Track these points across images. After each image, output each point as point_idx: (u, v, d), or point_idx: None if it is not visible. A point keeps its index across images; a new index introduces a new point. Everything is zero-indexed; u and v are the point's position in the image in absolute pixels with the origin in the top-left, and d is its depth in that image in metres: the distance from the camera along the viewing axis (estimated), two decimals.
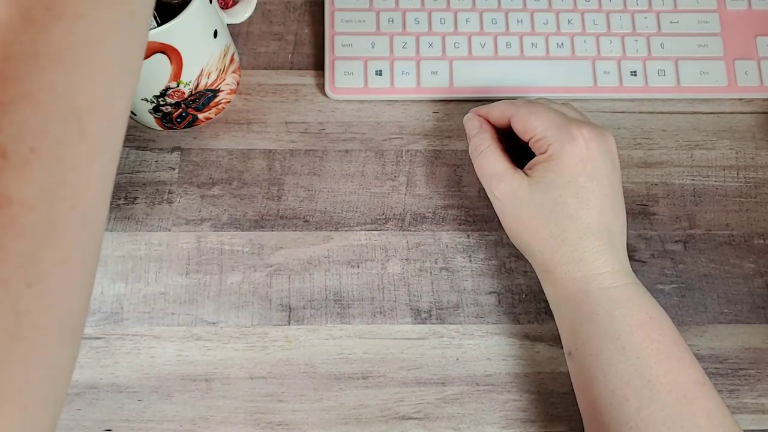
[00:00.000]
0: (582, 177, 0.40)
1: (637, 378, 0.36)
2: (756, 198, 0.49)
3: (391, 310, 0.46)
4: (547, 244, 0.40)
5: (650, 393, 0.36)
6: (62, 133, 0.23)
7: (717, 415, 0.36)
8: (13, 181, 0.22)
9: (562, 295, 0.40)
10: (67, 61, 0.22)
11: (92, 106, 0.24)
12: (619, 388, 0.37)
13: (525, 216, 0.41)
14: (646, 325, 0.38)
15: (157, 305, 0.46)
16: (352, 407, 0.43)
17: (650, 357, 0.37)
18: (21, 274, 0.22)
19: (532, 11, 0.53)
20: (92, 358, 0.44)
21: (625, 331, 0.38)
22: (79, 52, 0.23)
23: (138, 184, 0.49)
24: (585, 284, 0.39)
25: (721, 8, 0.53)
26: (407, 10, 0.52)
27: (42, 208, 0.22)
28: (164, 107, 0.48)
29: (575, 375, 0.40)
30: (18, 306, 0.22)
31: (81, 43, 0.23)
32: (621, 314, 0.38)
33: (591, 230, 0.40)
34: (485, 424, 0.43)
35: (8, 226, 0.22)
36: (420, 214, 0.48)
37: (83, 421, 0.43)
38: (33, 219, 0.22)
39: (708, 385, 0.37)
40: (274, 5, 0.55)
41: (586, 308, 0.39)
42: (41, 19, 0.22)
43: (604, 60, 0.52)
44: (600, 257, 0.39)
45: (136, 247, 0.47)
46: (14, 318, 0.22)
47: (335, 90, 0.51)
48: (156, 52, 0.43)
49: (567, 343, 0.41)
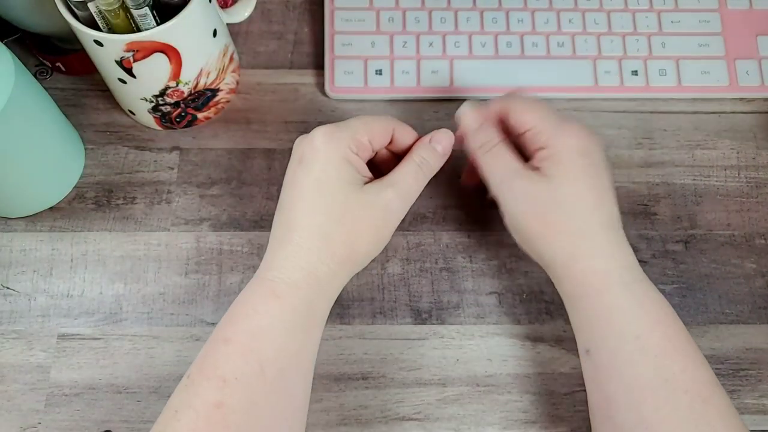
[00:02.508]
0: (589, 168, 0.39)
1: (655, 378, 0.36)
2: (757, 198, 0.49)
3: (391, 311, 0.46)
4: (568, 239, 0.39)
5: (666, 393, 0.35)
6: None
7: (729, 416, 0.35)
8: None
9: (581, 292, 0.39)
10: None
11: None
12: (637, 388, 0.36)
13: (543, 213, 0.39)
14: (663, 323, 0.37)
15: (156, 305, 0.45)
16: (352, 408, 0.43)
17: (668, 356, 0.36)
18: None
19: (532, 10, 0.52)
20: (91, 358, 0.44)
21: (645, 330, 0.37)
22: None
23: (137, 183, 0.49)
24: (606, 278, 0.38)
25: (722, 8, 0.53)
26: (407, 9, 0.52)
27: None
28: (163, 107, 0.47)
29: (591, 373, 0.39)
30: None
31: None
32: (642, 312, 0.37)
33: (611, 222, 0.39)
34: (486, 425, 0.43)
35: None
36: (420, 214, 0.48)
37: (82, 421, 0.42)
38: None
39: (719, 385, 0.36)
40: (273, 4, 0.55)
41: (606, 304, 0.38)
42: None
43: (605, 59, 0.51)
44: (620, 250, 0.39)
45: (135, 247, 0.47)
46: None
47: (335, 89, 0.51)
48: (155, 51, 0.42)
49: (584, 341, 0.39)
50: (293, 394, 0.37)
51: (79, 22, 0.41)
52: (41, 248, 0.47)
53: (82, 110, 0.51)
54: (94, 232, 0.47)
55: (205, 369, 0.35)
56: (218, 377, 0.35)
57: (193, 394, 0.35)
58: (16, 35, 0.52)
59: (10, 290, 0.46)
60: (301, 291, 0.37)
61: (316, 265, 0.37)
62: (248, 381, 0.35)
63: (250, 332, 0.36)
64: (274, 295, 0.37)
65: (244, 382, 0.35)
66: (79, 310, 0.45)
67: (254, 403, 0.35)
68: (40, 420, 0.42)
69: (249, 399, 0.35)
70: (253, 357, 0.35)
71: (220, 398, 0.34)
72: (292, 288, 0.37)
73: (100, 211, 0.48)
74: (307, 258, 0.37)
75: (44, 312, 0.45)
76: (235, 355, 0.35)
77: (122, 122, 0.51)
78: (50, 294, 0.46)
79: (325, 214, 0.38)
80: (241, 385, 0.34)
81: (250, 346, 0.35)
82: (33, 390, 0.43)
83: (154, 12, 0.41)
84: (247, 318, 0.36)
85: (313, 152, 0.39)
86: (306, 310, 0.37)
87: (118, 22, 0.41)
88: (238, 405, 0.34)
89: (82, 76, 0.52)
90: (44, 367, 0.44)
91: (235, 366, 0.35)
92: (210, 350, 0.36)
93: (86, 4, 0.41)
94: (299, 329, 0.37)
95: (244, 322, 0.36)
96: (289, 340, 0.36)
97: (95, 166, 0.49)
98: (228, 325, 0.37)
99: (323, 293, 0.38)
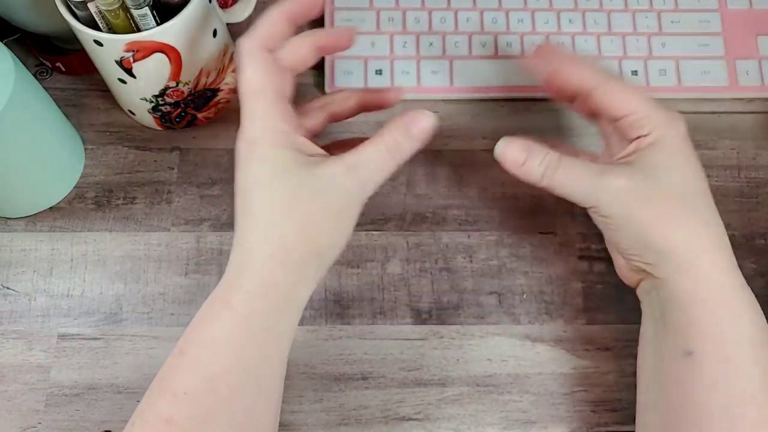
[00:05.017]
0: (692, 157, 0.37)
1: (762, 393, 0.34)
2: (757, 198, 0.49)
3: (391, 311, 0.46)
4: (689, 229, 0.36)
5: (764, 413, 0.33)
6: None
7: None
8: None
9: (701, 290, 0.35)
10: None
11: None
12: (741, 400, 0.34)
13: (659, 205, 0.36)
14: (765, 334, 0.35)
15: (156, 305, 0.45)
16: (351, 408, 0.43)
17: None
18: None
19: (532, 10, 0.52)
20: (91, 358, 0.44)
21: (760, 340, 0.34)
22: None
23: (137, 183, 0.49)
24: (731, 278, 0.35)
25: (723, 8, 0.53)
26: (407, 9, 0.52)
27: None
28: (163, 107, 0.47)
29: (686, 377, 0.35)
30: None
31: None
32: (757, 317, 0.35)
33: (717, 212, 0.37)
34: (485, 425, 0.43)
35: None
36: (420, 214, 0.48)
37: (82, 422, 0.42)
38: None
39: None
40: (273, 4, 0.55)
41: (727, 308, 0.35)
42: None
43: (605, 59, 0.51)
44: (730, 244, 0.36)
45: (134, 247, 0.47)
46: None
47: (335, 89, 0.51)
48: (155, 51, 0.42)
49: (686, 342, 0.35)
50: (250, 412, 0.34)
51: (79, 22, 0.41)
52: (41, 248, 0.47)
53: (82, 110, 0.51)
54: (94, 232, 0.47)
55: (162, 381, 0.34)
56: (170, 391, 0.33)
57: (148, 407, 0.34)
58: (16, 35, 0.52)
59: (10, 290, 0.46)
60: (256, 300, 0.34)
61: (271, 270, 0.34)
62: (197, 396, 0.33)
63: (202, 343, 0.34)
64: (227, 305, 0.34)
65: (192, 397, 0.33)
66: (79, 310, 0.45)
67: (203, 421, 0.33)
68: (40, 420, 0.42)
69: (197, 415, 0.33)
70: (203, 371, 0.33)
71: (170, 413, 0.33)
72: (245, 297, 0.34)
73: (100, 211, 0.48)
74: (260, 263, 0.34)
75: (44, 312, 0.45)
76: (186, 368, 0.33)
77: (122, 122, 0.51)
78: (50, 294, 0.46)
79: (269, 211, 0.34)
80: (189, 400, 0.33)
81: (201, 359, 0.33)
82: (33, 390, 0.43)
83: (154, 12, 0.41)
84: (200, 328, 0.34)
85: (247, 149, 0.35)
86: (261, 321, 0.34)
87: (118, 22, 0.41)
88: (187, 422, 0.32)
89: (82, 76, 0.52)
90: (44, 367, 0.44)
91: (185, 380, 0.33)
92: (169, 361, 0.34)
93: (86, 4, 0.41)
94: (253, 342, 0.34)
95: (197, 332, 0.34)
96: (242, 353, 0.34)
97: (95, 166, 0.49)
98: (186, 334, 0.35)
99: (286, 300, 0.35)
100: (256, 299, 0.34)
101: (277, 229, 0.34)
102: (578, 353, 0.44)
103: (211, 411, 0.33)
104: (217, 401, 0.33)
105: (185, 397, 0.33)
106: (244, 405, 0.34)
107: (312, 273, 0.35)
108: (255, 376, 0.34)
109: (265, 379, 0.35)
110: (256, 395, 0.34)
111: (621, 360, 0.44)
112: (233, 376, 0.33)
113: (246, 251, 0.34)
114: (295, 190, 0.34)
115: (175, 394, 0.33)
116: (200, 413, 0.33)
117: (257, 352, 0.34)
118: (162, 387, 0.34)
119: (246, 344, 0.34)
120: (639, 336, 0.40)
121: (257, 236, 0.34)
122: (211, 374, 0.33)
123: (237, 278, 0.34)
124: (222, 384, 0.33)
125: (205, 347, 0.34)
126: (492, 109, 0.51)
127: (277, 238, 0.34)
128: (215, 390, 0.33)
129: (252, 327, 0.34)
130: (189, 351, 0.34)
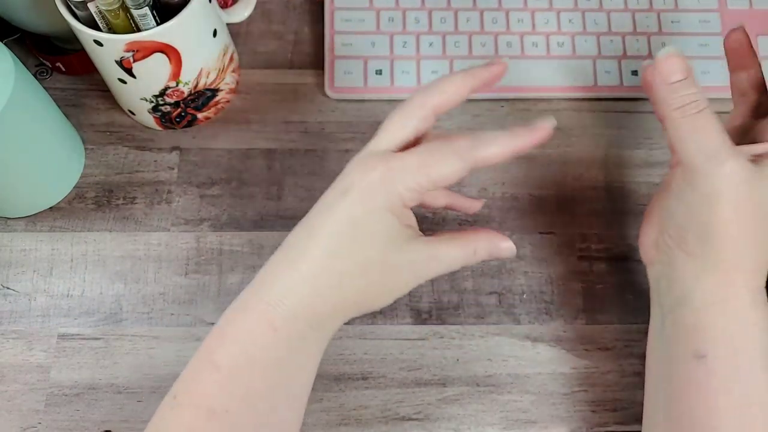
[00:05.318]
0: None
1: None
2: None
3: (391, 311, 0.46)
4: (753, 250, 0.35)
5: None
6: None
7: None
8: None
9: (720, 292, 0.35)
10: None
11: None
12: (754, 405, 0.34)
13: (745, 211, 0.34)
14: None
15: (156, 305, 0.45)
16: (352, 408, 0.43)
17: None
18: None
19: (533, 10, 0.52)
20: (91, 358, 0.44)
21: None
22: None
23: (137, 184, 0.49)
24: (754, 280, 0.35)
25: (722, 8, 0.53)
26: (407, 9, 0.52)
27: None
28: (163, 107, 0.47)
29: (699, 380, 0.35)
30: None
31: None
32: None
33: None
34: (486, 425, 0.43)
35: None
36: (420, 214, 0.48)
37: (82, 422, 0.42)
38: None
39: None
40: (273, 4, 0.55)
41: (748, 311, 0.35)
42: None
43: (605, 59, 0.51)
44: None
45: (134, 247, 0.47)
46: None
47: (335, 89, 0.51)
48: (155, 51, 0.42)
49: (698, 345, 0.35)
50: (283, 428, 0.35)
51: (79, 22, 0.41)
52: (41, 248, 0.47)
53: (82, 110, 0.51)
54: (94, 232, 0.47)
55: (193, 394, 0.33)
56: (207, 407, 0.32)
57: (178, 419, 0.33)
58: (16, 35, 0.52)
59: (10, 290, 0.46)
60: (299, 324, 0.34)
61: (320, 306, 0.34)
62: (238, 414, 0.32)
63: (241, 360, 0.33)
64: (271, 326, 0.33)
65: (234, 414, 0.32)
66: (79, 310, 0.45)
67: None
68: (40, 420, 0.42)
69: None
70: (245, 389, 0.33)
71: (207, 430, 0.32)
72: (290, 320, 0.33)
73: (100, 211, 0.48)
74: (313, 296, 0.33)
75: (44, 312, 0.45)
76: (225, 384, 0.33)
77: (122, 122, 0.51)
78: (50, 294, 0.46)
79: (349, 262, 0.33)
80: (231, 418, 0.32)
81: (241, 376, 0.33)
82: (33, 390, 0.43)
83: (154, 12, 0.41)
84: (239, 344, 0.33)
85: (363, 189, 0.33)
86: (300, 344, 0.34)
87: (118, 22, 0.41)
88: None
89: (82, 76, 0.52)
90: (44, 367, 0.44)
91: (226, 397, 0.33)
92: (199, 372, 0.34)
93: (86, 4, 0.41)
94: (293, 363, 0.34)
95: (235, 347, 0.33)
96: (283, 374, 0.34)
97: (95, 166, 0.49)
98: (219, 346, 0.34)
99: (321, 328, 0.35)
100: (300, 324, 0.34)
101: (345, 280, 0.34)
102: (578, 353, 0.44)
103: (249, 429, 0.33)
104: (257, 420, 0.33)
105: (226, 415, 0.32)
106: (278, 424, 0.34)
107: (349, 317, 0.36)
108: (290, 396, 0.35)
109: (299, 400, 0.35)
110: (288, 414, 0.35)
111: (621, 360, 0.44)
112: (273, 397, 0.34)
113: (304, 280, 0.34)
114: (380, 256, 0.34)
115: (214, 411, 0.32)
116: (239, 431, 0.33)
117: (294, 374, 0.35)
118: (195, 401, 0.33)
119: (286, 366, 0.34)
120: (648, 332, 0.40)
121: (323, 273, 0.34)
122: (251, 394, 0.33)
123: (285, 301, 0.33)
124: (263, 404, 0.33)
125: (245, 365, 0.33)
126: (492, 109, 0.51)
127: (340, 288, 0.34)
128: (254, 407, 0.33)
129: (291, 346, 0.34)
130: (223, 365, 0.33)
